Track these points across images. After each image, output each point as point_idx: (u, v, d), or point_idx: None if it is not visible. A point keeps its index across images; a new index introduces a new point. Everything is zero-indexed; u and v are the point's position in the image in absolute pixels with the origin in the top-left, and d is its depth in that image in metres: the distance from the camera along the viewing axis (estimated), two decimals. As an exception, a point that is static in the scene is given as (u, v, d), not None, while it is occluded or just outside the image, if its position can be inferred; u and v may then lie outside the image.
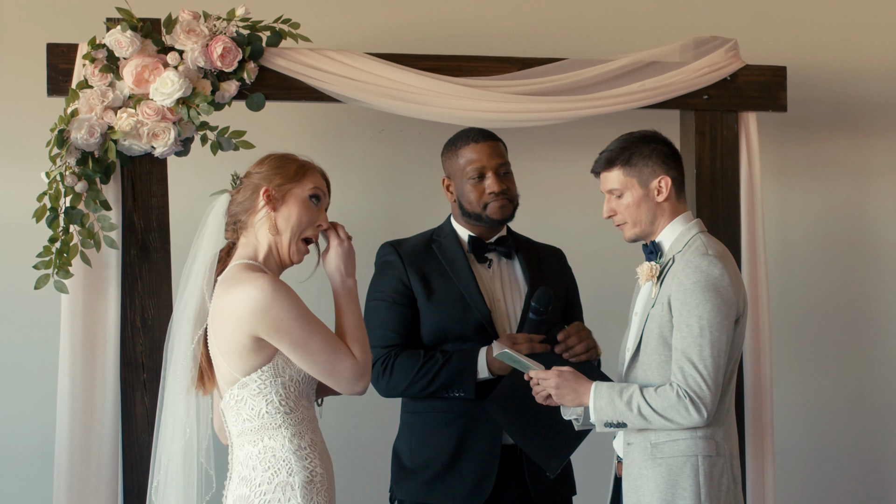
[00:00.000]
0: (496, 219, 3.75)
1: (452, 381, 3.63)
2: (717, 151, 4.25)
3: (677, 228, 3.45)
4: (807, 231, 4.87)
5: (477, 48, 4.30)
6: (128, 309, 3.85)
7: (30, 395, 4.32)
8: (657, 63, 4.21)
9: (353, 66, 3.96)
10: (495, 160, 3.76)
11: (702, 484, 3.32)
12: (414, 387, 3.66)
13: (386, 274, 3.77)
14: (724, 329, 3.30)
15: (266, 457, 3.01)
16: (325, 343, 3.01)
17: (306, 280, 3.25)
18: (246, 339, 2.99)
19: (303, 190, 3.11)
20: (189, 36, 3.80)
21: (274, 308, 2.96)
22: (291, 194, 3.10)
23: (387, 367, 3.67)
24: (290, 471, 2.99)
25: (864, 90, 4.88)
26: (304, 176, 3.13)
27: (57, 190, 3.70)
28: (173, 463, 3.10)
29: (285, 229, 3.10)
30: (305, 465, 3.01)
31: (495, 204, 3.74)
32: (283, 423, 3.02)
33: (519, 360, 3.43)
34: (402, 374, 3.66)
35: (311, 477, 3.00)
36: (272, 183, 3.09)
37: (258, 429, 3.03)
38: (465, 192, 3.75)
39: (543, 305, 3.58)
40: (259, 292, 2.97)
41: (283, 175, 3.10)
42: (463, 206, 3.77)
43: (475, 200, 3.74)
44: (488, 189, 3.73)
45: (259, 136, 3.86)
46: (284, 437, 3.02)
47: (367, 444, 4.41)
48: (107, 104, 3.75)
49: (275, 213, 3.09)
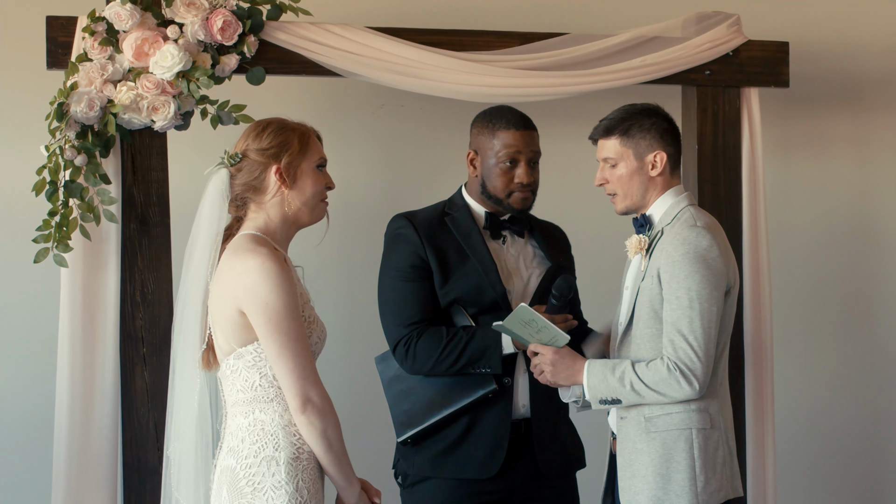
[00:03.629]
0: (517, 209, 3.73)
1: (478, 358, 3.61)
2: (718, 127, 4.23)
3: (667, 201, 3.45)
4: (808, 207, 4.87)
5: (478, 22, 4.29)
6: (127, 283, 3.85)
7: (29, 369, 4.32)
8: (659, 38, 4.20)
9: (353, 41, 3.95)
10: (531, 151, 3.72)
11: (696, 457, 3.32)
12: (440, 366, 3.64)
13: (400, 247, 3.72)
14: (713, 300, 3.29)
15: (255, 429, 3.01)
16: (300, 347, 2.98)
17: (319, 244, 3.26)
18: (233, 310, 3.00)
19: (310, 163, 3.14)
20: (189, 9, 3.78)
21: (264, 286, 2.95)
22: (301, 170, 3.12)
23: (409, 348, 3.65)
24: (276, 446, 2.99)
25: (867, 66, 4.87)
26: (308, 147, 3.14)
27: (56, 163, 3.69)
28: (188, 437, 3.09)
29: (303, 202, 3.12)
30: (293, 441, 3.00)
31: (520, 195, 3.70)
32: (276, 398, 3.02)
33: (533, 320, 3.41)
34: (426, 356, 3.63)
35: (297, 454, 3.00)
36: (281, 161, 3.10)
37: (250, 400, 3.03)
38: (492, 174, 3.71)
39: (564, 293, 3.56)
40: (257, 267, 2.97)
41: (289, 151, 3.11)
42: (486, 186, 3.73)
43: (501, 186, 3.70)
44: (517, 178, 3.69)
45: (259, 110, 3.83)
46: (276, 411, 3.02)
47: (370, 418, 4.41)
48: (106, 77, 3.74)
49: (289, 191, 3.10)
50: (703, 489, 3.31)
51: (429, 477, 3.70)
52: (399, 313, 3.68)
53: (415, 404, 3.70)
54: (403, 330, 3.67)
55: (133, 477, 3.85)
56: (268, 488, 2.96)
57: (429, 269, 3.69)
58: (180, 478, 3.11)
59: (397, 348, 3.68)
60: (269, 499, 2.95)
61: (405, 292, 3.69)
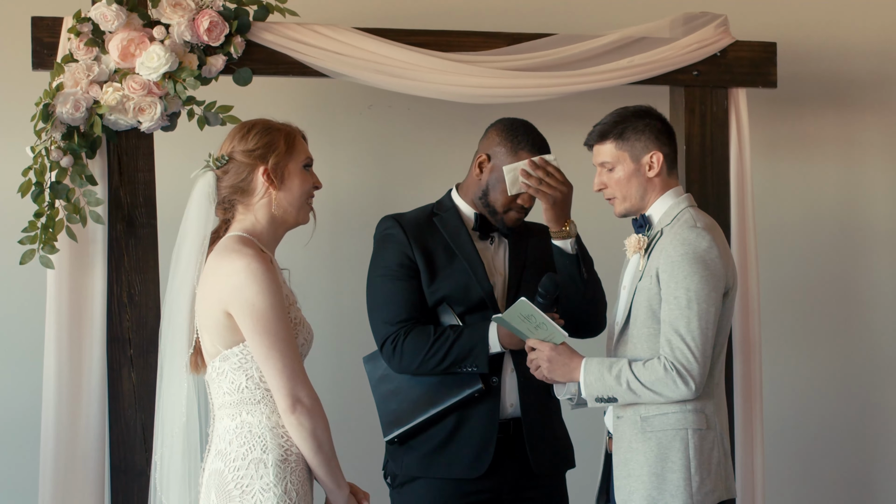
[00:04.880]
0: (509, 227, 3.74)
1: (465, 357, 3.62)
2: (706, 128, 4.24)
3: (667, 202, 3.45)
4: (796, 207, 4.88)
5: (466, 23, 4.28)
6: (114, 284, 3.84)
7: (16, 370, 4.31)
8: (647, 39, 4.20)
9: (340, 41, 3.94)
10: None
11: (692, 457, 3.32)
12: (426, 364, 3.64)
13: (389, 247, 3.73)
14: (711, 301, 3.30)
15: (242, 432, 3.00)
16: (287, 347, 2.97)
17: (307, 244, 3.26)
18: (220, 313, 2.99)
19: (297, 163, 3.12)
20: (175, 10, 3.77)
21: (250, 288, 2.94)
22: (288, 170, 3.10)
23: (396, 345, 3.65)
24: (264, 448, 2.97)
25: (854, 66, 4.88)
26: (294, 147, 3.12)
27: (42, 164, 3.68)
28: (176, 441, 3.07)
29: (291, 203, 3.10)
30: (281, 443, 2.99)
31: (516, 215, 3.72)
32: (263, 400, 3.01)
33: (532, 315, 3.41)
34: (412, 354, 3.64)
35: (285, 456, 2.98)
36: (268, 162, 3.08)
37: (237, 403, 3.02)
38: (498, 189, 3.70)
39: (550, 291, 3.57)
40: (243, 269, 2.95)
41: (276, 152, 3.09)
42: (487, 196, 3.73)
43: (503, 203, 3.70)
44: (521, 201, 3.69)
45: (246, 111, 3.82)
46: (263, 413, 3.00)
47: (358, 419, 4.41)
48: (92, 78, 3.73)
49: (277, 192, 3.08)
50: (698, 490, 3.32)
51: (417, 477, 3.70)
52: (386, 312, 3.69)
53: (402, 404, 3.70)
54: (391, 328, 3.67)
55: (120, 478, 3.84)
56: (256, 491, 2.94)
57: (416, 269, 3.70)
58: (169, 481, 3.09)
59: (384, 346, 3.68)
60: (257, 501, 2.94)
61: (393, 291, 3.69)
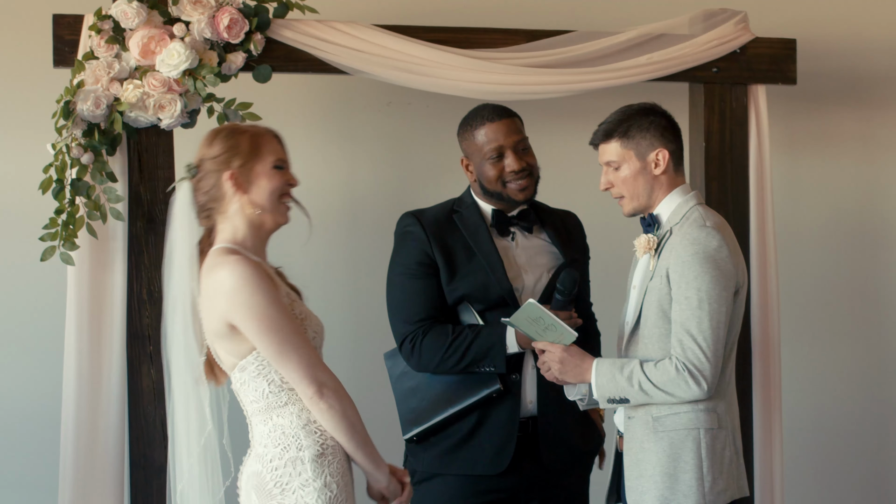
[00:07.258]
0: (518, 199, 3.72)
1: (483, 357, 3.62)
2: (726, 124, 4.23)
3: (675, 200, 3.43)
4: (815, 204, 4.86)
5: (484, 20, 4.28)
6: (134, 281, 3.85)
7: (36, 367, 4.32)
8: (666, 35, 4.19)
9: (360, 38, 3.94)
10: (513, 138, 3.71)
11: (704, 457, 3.32)
12: (444, 364, 3.64)
13: (408, 245, 3.73)
14: (723, 301, 3.29)
15: (276, 434, 3.00)
16: (298, 339, 2.96)
17: (306, 244, 3.23)
18: (222, 325, 2.98)
19: (265, 164, 3.06)
20: (195, 7, 3.78)
21: (242, 292, 2.93)
22: (255, 172, 3.05)
23: (415, 345, 3.66)
24: (299, 446, 2.99)
25: (875, 63, 4.86)
26: (261, 149, 3.07)
27: (63, 161, 3.69)
28: (193, 457, 3.06)
29: (263, 206, 3.05)
30: (315, 438, 3.00)
31: (515, 184, 3.70)
32: (290, 401, 3.01)
33: (541, 317, 3.40)
34: (431, 353, 3.64)
35: (321, 450, 2.99)
36: (233, 166, 3.04)
37: (266, 408, 3.02)
38: (484, 171, 3.71)
39: (568, 288, 3.56)
40: (228, 276, 2.94)
41: (240, 154, 3.04)
42: (484, 186, 3.73)
43: (495, 179, 3.70)
44: (508, 168, 3.69)
45: (265, 108, 3.84)
46: (292, 413, 3.01)
47: (377, 415, 4.40)
48: (113, 75, 3.74)
49: (246, 196, 3.05)
50: (711, 489, 3.31)
51: (438, 474, 3.71)
52: (405, 310, 3.69)
53: (421, 402, 3.71)
54: (410, 327, 3.68)
55: (139, 475, 3.85)
56: (296, 487, 2.96)
57: (435, 267, 3.69)
58: (190, 487, 3.09)
59: (403, 345, 3.68)
60: (298, 497, 2.95)
61: (412, 290, 3.69)
